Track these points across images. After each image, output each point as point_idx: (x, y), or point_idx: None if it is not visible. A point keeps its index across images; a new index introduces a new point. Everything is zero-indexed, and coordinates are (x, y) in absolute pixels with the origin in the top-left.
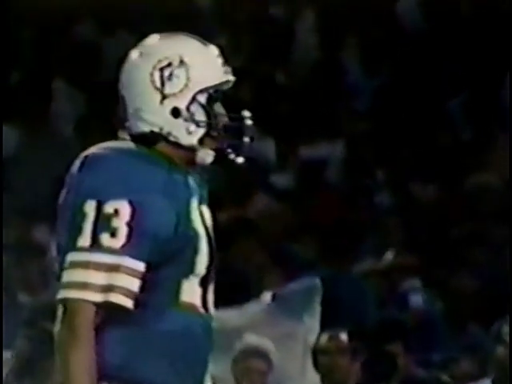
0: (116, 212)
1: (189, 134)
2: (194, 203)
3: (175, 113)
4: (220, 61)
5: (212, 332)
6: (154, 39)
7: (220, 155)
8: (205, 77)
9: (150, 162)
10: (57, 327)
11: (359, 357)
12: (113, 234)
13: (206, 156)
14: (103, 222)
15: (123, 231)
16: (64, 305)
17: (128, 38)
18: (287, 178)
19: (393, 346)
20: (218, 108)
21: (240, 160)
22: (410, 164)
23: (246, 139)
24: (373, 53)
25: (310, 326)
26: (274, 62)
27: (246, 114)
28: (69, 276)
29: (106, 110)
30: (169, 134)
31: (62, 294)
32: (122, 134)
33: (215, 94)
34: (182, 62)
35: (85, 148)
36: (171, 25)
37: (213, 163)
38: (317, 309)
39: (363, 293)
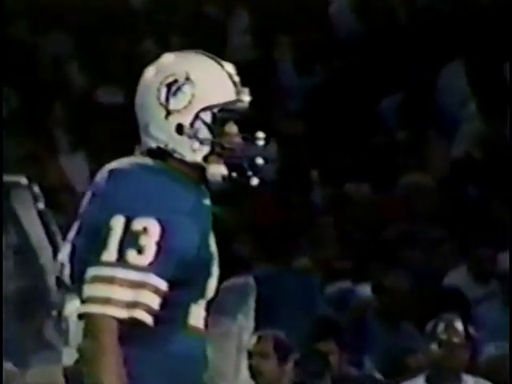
0: (145, 230)
1: (193, 152)
2: (210, 224)
3: (179, 129)
4: (231, 80)
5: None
6: (168, 57)
7: (231, 173)
8: (210, 95)
9: (178, 181)
10: (82, 343)
11: (290, 357)
12: (139, 251)
13: (217, 170)
14: (131, 239)
15: (151, 249)
16: (87, 319)
17: (63, 37)
18: None
19: (326, 345)
20: (230, 127)
21: (255, 182)
22: (344, 164)
23: (260, 161)
24: (306, 53)
25: (244, 325)
26: None
27: (260, 135)
28: (92, 290)
29: (39, 109)
30: (173, 150)
31: (86, 308)
32: (137, 150)
33: (225, 114)
34: (187, 79)
35: (14, 149)
36: (106, 24)
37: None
38: (251, 307)
39: (300, 291)
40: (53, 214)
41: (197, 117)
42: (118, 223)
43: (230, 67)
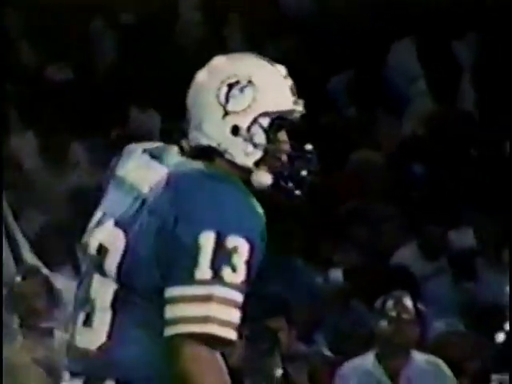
0: (236, 248)
1: (245, 155)
2: None
3: (235, 131)
4: (291, 89)
5: None
6: (223, 58)
7: (277, 180)
8: (270, 101)
9: (248, 194)
10: (182, 364)
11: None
12: (233, 270)
13: (264, 178)
14: (224, 256)
15: (242, 268)
16: (188, 339)
17: (12, 15)
18: None
19: (276, 322)
20: (282, 136)
21: (297, 192)
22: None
23: (304, 173)
24: (255, 31)
25: None
26: (157, 39)
27: (309, 147)
28: (190, 310)
29: None
30: (225, 151)
31: (186, 328)
32: (184, 143)
33: (280, 121)
34: (250, 82)
35: None
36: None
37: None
38: None
39: None
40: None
41: (255, 121)
42: (208, 240)
43: (288, 79)
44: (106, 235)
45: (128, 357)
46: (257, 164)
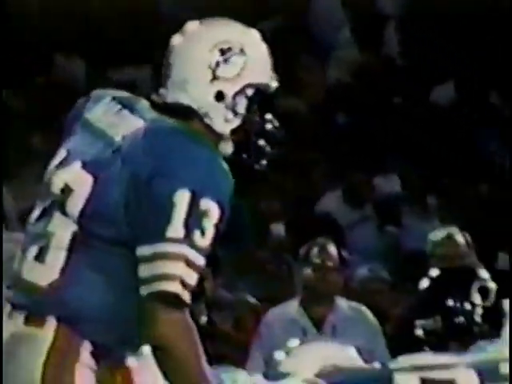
0: (207, 211)
1: (225, 122)
2: None
3: (219, 96)
4: (271, 62)
5: None
6: (218, 20)
7: (239, 151)
8: (258, 72)
9: (222, 160)
10: (163, 329)
11: None
12: (203, 233)
13: (227, 148)
14: (197, 219)
15: (211, 232)
16: (164, 297)
17: None
18: None
19: None
20: (260, 115)
21: (257, 167)
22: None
23: (268, 150)
24: None
25: None
26: None
27: (275, 123)
28: (164, 268)
29: None
30: (205, 114)
31: (158, 286)
32: (156, 98)
33: (263, 100)
34: (242, 51)
35: None
36: None
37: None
38: None
39: None
40: None
41: (241, 90)
42: (183, 198)
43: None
44: (72, 176)
45: (77, 297)
46: (233, 132)
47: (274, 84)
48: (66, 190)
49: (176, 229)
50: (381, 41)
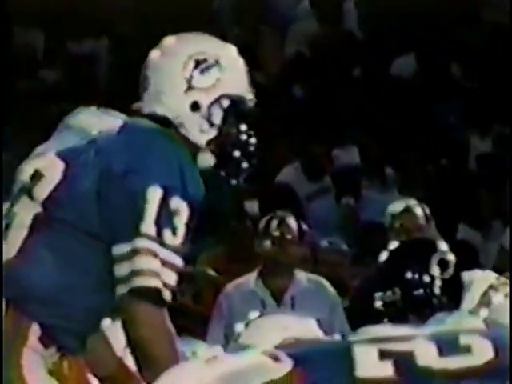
0: (178, 210)
1: (200, 132)
2: None
3: (194, 106)
4: (247, 76)
5: None
6: (195, 34)
7: (219, 165)
8: (234, 84)
9: (196, 165)
10: (140, 330)
11: None
12: (174, 232)
13: (208, 160)
14: (167, 217)
15: (182, 231)
16: (143, 292)
17: None
18: (55, 73)
19: None
20: (237, 125)
21: (233, 182)
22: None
23: (245, 165)
24: None
25: None
26: None
27: (253, 140)
28: (142, 263)
29: None
30: (181, 124)
31: (144, 281)
32: (134, 108)
33: (238, 111)
34: (217, 62)
35: None
36: None
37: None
38: None
39: None
40: None
41: (216, 101)
42: (155, 195)
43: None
44: (44, 163)
45: (29, 276)
46: (208, 143)
47: (250, 97)
48: (36, 176)
49: (148, 225)
50: (340, 13)
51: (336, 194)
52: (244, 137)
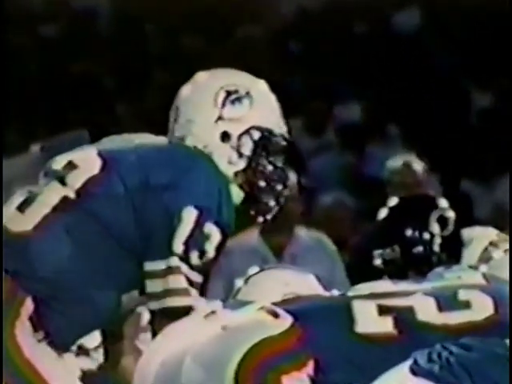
0: (209, 235)
1: (228, 163)
2: None
3: (224, 137)
4: (279, 111)
5: None
6: (227, 70)
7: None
8: (265, 116)
9: (230, 188)
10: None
11: None
12: (201, 255)
13: (236, 196)
14: (198, 239)
15: (210, 255)
16: (174, 312)
17: None
18: (57, 27)
19: None
20: (267, 158)
21: (260, 220)
22: (179, 16)
23: (272, 203)
24: None
25: None
26: None
27: (292, 178)
28: (177, 283)
29: None
30: (210, 154)
31: (175, 301)
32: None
33: (269, 142)
34: (248, 94)
35: None
36: None
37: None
38: None
39: None
40: None
41: (247, 132)
42: (190, 216)
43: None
44: (80, 156)
45: (40, 252)
46: (236, 174)
47: (281, 132)
48: (70, 166)
49: (179, 245)
50: None
51: (339, 149)
52: (278, 172)
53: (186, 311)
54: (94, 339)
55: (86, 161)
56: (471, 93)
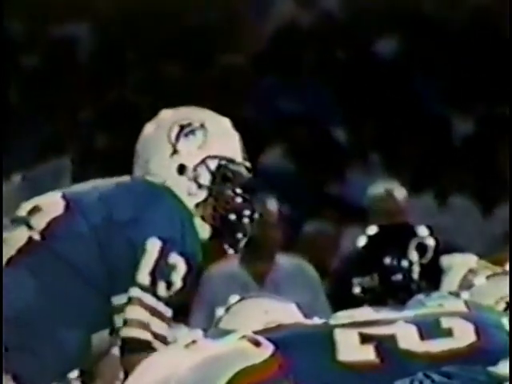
0: (175, 266)
1: (188, 195)
2: None
3: (181, 170)
4: (239, 145)
5: None
6: (173, 110)
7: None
8: (220, 145)
9: (194, 221)
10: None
11: None
12: (168, 286)
13: (203, 231)
14: (164, 270)
15: (177, 286)
16: (129, 343)
17: None
18: (36, 58)
19: None
20: (228, 187)
21: (231, 252)
22: (158, 44)
23: (240, 236)
24: None
25: None
26: None
27: (255, 215)
28: (133, 314)
29: None
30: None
31: (129, 332)
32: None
33: (228, 172)
34: (202, 126)
35: None
36: None
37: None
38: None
39: None
40: None
41: (202, 162)
42: (154, 247)
43: (235, 133)
44: (44, 200)
45: (4, 294)
46: (197, 205)
47: (246, 164)
48: (35, 210)
49: (144, 276)
50: None
51: (320, 177)
52: (239, 200)
53: (141, 344)
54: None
55: (50, 203)
56: (452, 118)
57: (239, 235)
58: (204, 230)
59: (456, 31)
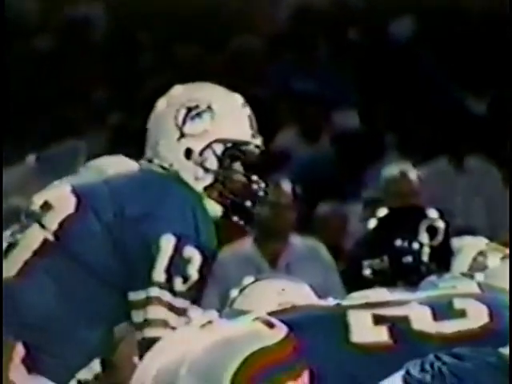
0: (190, 258)
1: (195, 179)
2: None
3: (188, 154)
4: (250, 122)
5: None
6: (184, 86)
7: (227, 212)
8: (227, 128)
9: (207, 211)
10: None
11: None
12: (185, 279)
13: (214, 210)
14: (179, 265)
15: (193, 278)
16: (150, 341)
17: None
18: (50, 39)
19: None
20: (238, 167)
21: (241, 223)
22: (173, 25)
23: (248, 203)
24: None
25: None
26: None
27: (262, 185)
28: (153, 313)
29: None
30: (177, 172)
31: (151, 332)
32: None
33: (235, 151)
34: (209, 108)
35: None
36: None
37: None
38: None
39: None
40: None
41: (208, 146)
42: (168, 244)
43: (246, 108)
44: (55, 194)
45: (25, 298)
46: (205, 189)
47: (256, 142)
48: (46, 207)
49: (159, 273)
50: None
51: (333, 156)
52: (254, 187)
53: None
54: (91, 371)
55: (61, 200)
56: (466, 100)
57: (248, 203)
58: (215, 210)
59: (470, 14)
